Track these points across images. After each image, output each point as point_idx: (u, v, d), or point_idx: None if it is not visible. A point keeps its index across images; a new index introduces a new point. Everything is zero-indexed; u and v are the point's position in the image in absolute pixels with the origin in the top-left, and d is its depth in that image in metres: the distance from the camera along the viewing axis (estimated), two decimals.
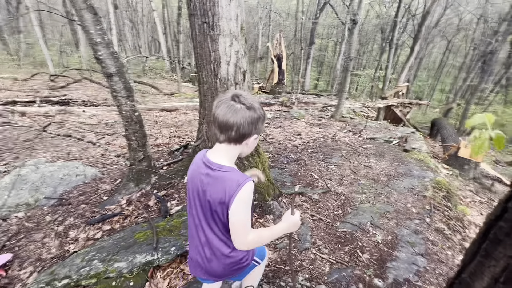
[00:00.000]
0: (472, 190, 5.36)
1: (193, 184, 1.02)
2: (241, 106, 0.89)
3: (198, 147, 2.85)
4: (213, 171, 0.95)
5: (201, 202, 1.00)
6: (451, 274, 2.22)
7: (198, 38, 2.21)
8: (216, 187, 0.93)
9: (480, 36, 20.06)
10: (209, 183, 0.95)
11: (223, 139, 0.94)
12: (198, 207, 1.02)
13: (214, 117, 0.91)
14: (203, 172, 0.98)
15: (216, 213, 0.96)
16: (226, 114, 0.88)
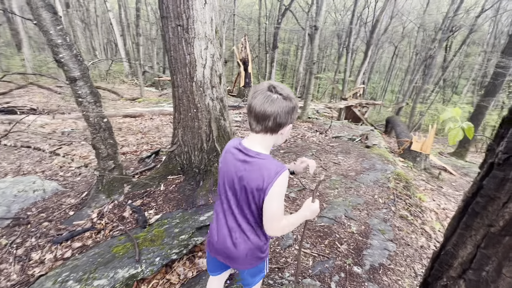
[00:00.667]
0: (424, 179, 6.01)
1: (228, 170, 1.03)
2: (277, 96, 0.90)
3: (174, 152, 2.77)
4: (251, 157, 0.96)
5: (235, 188, 1.01)
6: (417, 255, 2.48)
7: (172, 41, 2.16)
8: (253, 174, 0.94)
9: (421, 43, 22.65)
10: (246, 169, 0.97)
11: (259, 129, 0.94)
12: (230, 193, 1.04)
13: (250, 107, 0.93)
14: (239, 159, 0.99)
15: (253, 198, 0.97)
16: (264, 104, 0.89)
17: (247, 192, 0.97)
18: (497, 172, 0.62)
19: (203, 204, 2.34)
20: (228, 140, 2.62)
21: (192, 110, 2.42)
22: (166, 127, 6.61)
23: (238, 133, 6.46)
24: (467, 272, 0.67)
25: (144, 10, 18.60)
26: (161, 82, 15.31)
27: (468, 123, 1.40)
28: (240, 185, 0.99)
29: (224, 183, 1.05)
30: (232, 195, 1.03)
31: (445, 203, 5.03)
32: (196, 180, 2.62)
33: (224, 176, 1.05)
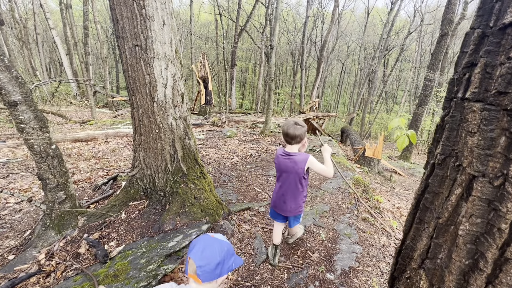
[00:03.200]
0: (379, 182, 6.56)
1: (282, 165, 1.92)
2: (299, 126, 1.83)
3: (135, 176, 2.60)
4: (293, 156, 1.87)
5: (288, 174, 1.91)
6: (380, 254, 2.66)
7: (129, 61, 2.10)
8: (297, 163, 1.85)
9: (363, 60, 25.40)
10: (290, 162, 1.87)
11: (293, 143, 1.87)
12: (285, 177, 1.94)
13: (287, 132, 1.83)
14: (285, 159, 1.89)
15: (301, 174, 1.88)
16: (294, 131, 1.81)
17: (298, 172, 1.87)
18: (438, 171, 0.72)
19: (171, 228, 2.22)
20: (194, 159, 2.57)
21: (154, 131, 2.33)
22: (124, 149, 6.19)
23: (202, 151, 6.34)
24: (425, 261, 0.76)
25: (93, 28, 17.66)
26: (115, 103, 14.43)
27: (411, 130, 1.68)
28: (294, 171, 1.87)
29: (280, 170, 1.95)
30: (288, 177, 1.92)
31: (398, 202, 5.52)
32: (161, 204, 2.48)
33: (280, 166, 1.94)
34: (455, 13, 10.18)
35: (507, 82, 0.55)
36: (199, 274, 0.96)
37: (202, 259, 0.96)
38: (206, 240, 1.02)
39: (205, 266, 0.96)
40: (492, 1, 0.59)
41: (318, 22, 23.15)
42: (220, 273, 0.99)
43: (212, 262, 0.96)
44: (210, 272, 0.96)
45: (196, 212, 2.37)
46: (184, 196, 2.41)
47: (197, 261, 0.96)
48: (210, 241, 1.02)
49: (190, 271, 0.99)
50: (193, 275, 0.97)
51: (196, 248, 0.99)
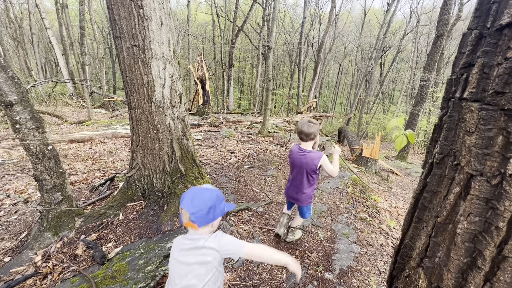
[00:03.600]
0: (376, 182, 6.59)
1: (296, 161, 2.09)
2: (313, 124, 2.00)
3: (133, 177, 2.59)
4: (307, 153, 2.04)
5: (302, 169, 2.09)
6: (378, 253, 2.67)
7: (126, 61, 2.09)
8: (308, 161, 2.02)
9: (360, 61, 25.55)
10: (306, 157, 2.04)
11: (307, 140, 2.03)
12: (298, 172, 2.13)
13: (301, 130, 2.01)
14: (301, 155, 2.06)
15: (313, 169, 2.05)
16: (308, 129, 1.98)
17: (310, 168, 2.05)
18: (436, 170, 0.73)
19: (169, 229, 2.21)
20: (192, 160, 2.56)
21: (152, 132, 2.32)
22: (121, 150, 6.16)
23: (200, 151, 6.32)
24: (424, 260, 0.76)
25: (90, 28, 17.55)
26: (111, 103, 14.35)
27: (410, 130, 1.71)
28: (307, 167, 2.05)
29: (295, 165, 2.13)
30: (301, 171, 2.11)
31: (396, 202, 5.55)
32: (159, 205, 2.47)
33: (294, 162, 2.11)
34: (451, 14, 10.28)
35: (504, 82, 0.56)
36: (193, 220, 1.02)
37: (194, 207, 1.02)
38: (194, 191, 1.07)
39: (197, 212, 1.02)
40: (489, 2, 0.60)
41: (315, 23, 23.24)
42: (213, 217, 1.06)
43: (204, 208, 1.03)
44: (204, 217, 1.03)
45: None
46: None
47: (189, 209, 1.02)
48: (199, 190, 1.08)
49: (185, 220, 1.04)
50: (189, 223, 1.03)
51: (186, 198, 1.04)
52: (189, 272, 1.04)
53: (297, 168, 2.11)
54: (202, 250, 1.05)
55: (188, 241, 1.07)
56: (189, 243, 1.06)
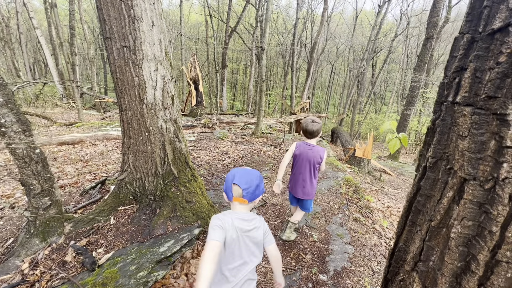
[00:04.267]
0: (369, 182, 6.65)
1: (303, 154, 2.29)
2: (317, 123, 2.23)
3: (124, 180, 2.53)
4: (314, 147, 2.28)
5: (309, 161, 2.27)
6: (372, 253, 2.69)
7: (117, 63, 2.04)
8: (315, 154, 2.26)
9: (352, 62, 25.84)
10: (312, 151, 2.26)
11: (312, 137, 2.27)
12: (306, 165, 2.30)
13: (306, 129, 2.24)
14: (308, 149, 2.27)
15: (319, 161, 2.28)
16: (313, 127, 2.21)
17: (314, 163, 2.28)
18: (429, 174, 0.73)
19: (162, 233, 2.17)
20: (184, 162, 2.53)
21: (144, 134, 2.28)
22: (112, 152, 6.05)
23: (194, 153, 6.27)
24: (418, 264, 0.76)
25: (80, 28, 17.23)
26: (103, 104, 14.11)
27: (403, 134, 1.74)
28: (313, 160, 2.27)
29: (302, 159, 2.30)
30: (307, 165, 2.29)
31: (388, 201, 5.62)
32: (152, 208, 2.42)
33: (301, 155, 2.30)
34: (440, 17, 10.49)
35: (496, 86, 0.56)
36: (244, 195, 1.14)
37: (246, 183, 1.14)
38: (242, 170, 1.20)
39: (249, 188, 1.14)
40: (481, 6, 0.60)
41: (308, 24, 23.40)
42: (258, 194, 1.19)
43: (253, 185, 1.16)
44: (253, 193, 1.16)
45: (187, 216, 2.33)
46: (175, 199, 2.37)
47: (242, 185, 1.13)
48: (246, 170, 1.21)
49: (235, 195, 1.15)
50: (239, 198, 1.15)
51: (237, 176, 1.16)
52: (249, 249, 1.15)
53: (303, 162, 2.29)
54: (259, 231, 1.17)
55: (246, 222, 1.15)
56: (247, 225, 1.15)
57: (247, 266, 1.15)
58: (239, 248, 1.13)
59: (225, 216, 1.13)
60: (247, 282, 1.16)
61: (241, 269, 1.14)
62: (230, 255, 1.11)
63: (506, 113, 0.55)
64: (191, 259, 2.15)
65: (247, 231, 1.14)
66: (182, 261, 2.09)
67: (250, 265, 1.16)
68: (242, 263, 1.14)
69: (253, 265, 1.17)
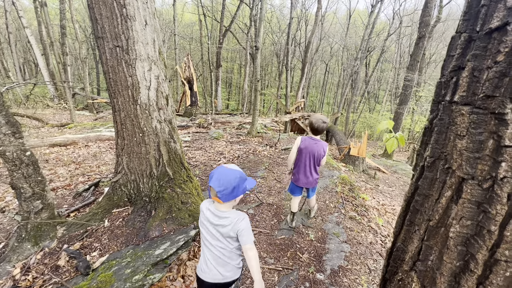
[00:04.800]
0: (363, 180, 6.71)
1: (309, 148, 2.51)
2: (326, 123, 2.45)
3: (118, 182, 2.49)
4: (318, 141, 2.51)
5: (314, 154, 2.51)
6: (368, 251, 2.70)
7: (109, 63, 2.01)
8: (319, 147, 2.50)
9: (346, 61, 26.01)
10: (317, 145, 2.50)
11: (319, 134, 2.52)
12: (311, 158, 2.53)
13: (317, 127, 2.45)
14: (314, 143, 2.50)
15: (322, 155, 2.53)
16: (321, 126, 2.44)
17: (317, 156, 2.52)
18: (427, 173, 0.73)
19: (158, 235, 2.14)
20: (180, 163, 2.50)
21: (138, 135, 2.24)
22: (106, 153, 5.97)
23: (189, 153, 6.22)
24: (417, 263, 0.76)
25: (71, 27, 16.94)
26: (96, 105, 13.91)
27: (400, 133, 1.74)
28: (317, 154, 2.51)
29: (308, 152, 2.52)
30: (311, 159, 2.54)
31: (383, 199, 5.67)
32: (147, 210, 2.39)
33: (307, 150, 2.52)
34: (431, 16, 10.63)
35: (494, 86, 0.56)
36: (220, 197, 1.22)
37: (220, 186, 1.20)
38: (221, 171, 1.25)
39: (223, 191, 1.21)
40: (478, 5, 0.60)
41: (302, 24, 23.45)
42: (236, 194, 1.26)
43: (229, 187, 1.21)
44: (228, 194, 1.22)
45: (183, 217, 2.31)
46: (170, 201, 2.34)
47: (216, 188, 1.21)
48: (225, 171, 1.25)
49: (212, 195, 1.27)
50: (215, 198, 1.25)
51: (214, 178, 1.23)
52: (213, 235, 1.31)
53: (309, 154, 2.54)
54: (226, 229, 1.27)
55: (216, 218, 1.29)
56: (216, 220, 1.29)
57: (212, 246, 1.32)
58: (206, 230, 1.33)
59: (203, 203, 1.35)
60: (217, 259, 1.32)
61: (208, 245, 1.33)
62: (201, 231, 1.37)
63: (504, 112, 0.55)
64: (188, 260, 2.13)
65: (214, 224, 1.29)
66: (179, 263, 2.07)
67: (217, 246, 1.31)
68: (209, 241, 1.33)
69: (220, 248, 1.31)
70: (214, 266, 1.32)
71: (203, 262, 1.36)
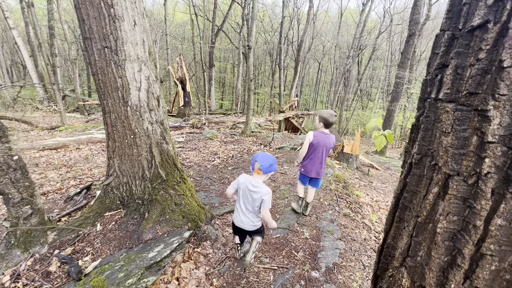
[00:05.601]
0: (357, 177, 6.77)
1: (321, 142, 2.71)
2: (336, 117, 2.71)
3: (110, 185, 2.46)
4: (329, 135, 2.75)
5: (325, 147, 2.73)
6: (362, 248, 2.73)
7: (98, 64, 1.97)
8: (330, 140, 2.74)
9: (339, 59, 26.20)
10: (328, 139, 2.74)
11: (330, 127, 2.74)
12: (323, 151, 2.75)
13: (328, 121, 2.69)
14: (325, 137, 2.72)
15: (332, 147, 2.80)
16: (333, 119, 2.69)
17: (328, 148, 2.76)
18: (415, 170, 0.74)
19: (151, 238, 2.12)
20: (173, 164, 2.48)
21: (129, 137, 2.21)
22: (98, 156, 5.88)
23: (183, 154, 6.18)
24: (406, 259, 0.77)
25: (60, 28, 16.61)
26: (87, 107, 13.70)
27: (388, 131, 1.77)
28: (328, 146, 2.75)
29: (320, 146, 2.72)
30: (324, 151, 2.74)
31: (376, 196, 5.73)
32: (140, 213, 2.36)
33: (319, 143, 2.71)
34: (421, 14, 10.78)
35: (477, 83, 0.57)
36: (261, 170, 1.86)
37: (263, 162, 1.85)
38: (263, 154, 1.91)
39: (264, 165, 1.85)
40: (460, 3, 0.61)
41: (294, 22, 23.51)
42: (270, 170, 1.89)
43: (267, 164, 1.86)
44: (266, 168, 1.86)
45: (177, 219, 2.29)
46: (164, 203, 2.32)
47: (260, 163, 1.85)
48: (266, 154, 1.92)
49: (255, 168, 1.89)
50: (258, 170, 1.88)
51: (259, 158, 1.87)
52: (247, 199, 1.94)
53: (321, 148, 2.75)
54: (257, 195, 1.89)
55: (252, 186, 1.89)
56: (251, 187, 1.89)
57: (246, 203, 1.95)
58: (243, 194, 1.94)
59: (244, 177, 1.96)
60: (249, 213, 1.97)
61: (243, 204, 1.97)
62: (239, 197, 1.99)
63: (486, 109, 0.55)
64: (182, 262, 2.12)
65: (250, 190, 1.89)
66: (173, 265, 2.05)
67: (248, 205, 1.95)
68: (244, 204, 1.96)
69: (250, 207, 1.95)
70: (249, 218, 1.97)
71: (240, 216, 2.00)
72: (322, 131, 2.74)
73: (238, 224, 2.01)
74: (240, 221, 1.99)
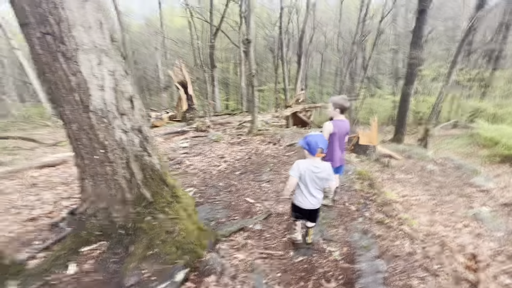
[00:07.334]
0: (378, 170, 6.12)
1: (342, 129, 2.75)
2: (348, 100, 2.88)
3: (86, 212, 1.97)
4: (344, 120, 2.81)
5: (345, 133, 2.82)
6: (409, 266, 2.14)
7: (43, 58, 1.47)
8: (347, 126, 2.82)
9: (342, 48, 25.26)
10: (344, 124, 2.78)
11: (345, 112, 2.82)
12: (343, 137, 2.84)
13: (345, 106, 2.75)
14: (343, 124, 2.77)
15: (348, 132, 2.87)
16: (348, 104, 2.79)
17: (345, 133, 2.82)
18: None
19: (134, 283, 1.61)
20: (160, 180, 1.97)
21: (99, 151, 1.71)
22: None
23: (187, 161, 5.70)
24: None
25: None
26: None
27: None
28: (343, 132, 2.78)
29: (341, 134, 2.74)
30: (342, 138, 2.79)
31: (402, 189, 5.08)
32: (123, 245, 1.87)
33: (340, 131, 2.71)
34: None
35: None
36: (324, 151, 2.04)
37: (323, 144, 2.02)
38: (319, 137, 2.04)
39: (325, 145, 2.05)
40: None
41: (293, 14, 22.75)
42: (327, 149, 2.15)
43: (326, 142, 2.12)
44: (326, 148, 2.07)
45: (169, 251, 1.77)
46: (151, 232, 1.81)
47: (323, 146, 2.00)
48: (316, 135, 2.05)
49: (317, 153, 2.00)
50: (320, 154, 2.03)
51: (320, 140, 2.00)
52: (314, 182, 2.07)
53: (342, 135, 2.76)
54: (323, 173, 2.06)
55: (316, 168, 2.01)
56: (316, 169, 2.01)
57: (314, 189, 2.08)
58: (309, 178, 2.03)
59: (303, 163, 2.03)
60: (318, 193, 2.11)
61: (311, 187, 2.06)
62: (304, 183, 2.06)
63: None
64: None
65: (315, 172, 2.01)
66: None
67: (316, 186, 2.07)
68: (313, 187, 2.06)
69: (317, 190, 2.10)
70: (317, 198, 2.10)
71: (309, 200, 2.09)
72: (337, 119, 2.74)
73: (309, 207, 2.11)
74: (311, 204, 2.09)
